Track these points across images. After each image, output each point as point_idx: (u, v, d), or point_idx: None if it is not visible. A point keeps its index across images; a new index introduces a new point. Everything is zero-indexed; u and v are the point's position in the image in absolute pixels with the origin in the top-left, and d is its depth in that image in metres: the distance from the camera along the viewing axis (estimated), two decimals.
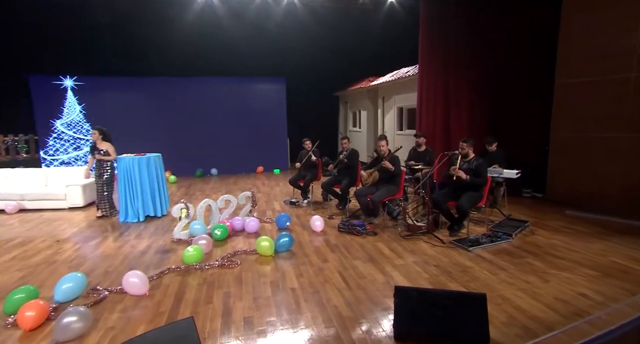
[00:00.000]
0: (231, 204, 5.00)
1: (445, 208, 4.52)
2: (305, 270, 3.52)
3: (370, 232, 4.61)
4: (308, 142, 6.54)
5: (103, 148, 5.52)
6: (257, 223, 4.78)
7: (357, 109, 11.37)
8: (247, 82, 10.39)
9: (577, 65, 5.96)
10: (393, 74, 8.88)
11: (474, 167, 4.39)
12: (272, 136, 10.66)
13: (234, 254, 3.95)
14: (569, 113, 6.14)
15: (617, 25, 5.46)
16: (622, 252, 3.82)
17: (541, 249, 3.96)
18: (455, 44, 6.55)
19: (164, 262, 3.77)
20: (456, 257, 3.78)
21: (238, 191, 7.66)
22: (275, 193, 7.54)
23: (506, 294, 2.94)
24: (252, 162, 10.54)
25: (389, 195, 4.90)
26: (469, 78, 6.58)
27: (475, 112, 6.64)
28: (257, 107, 10.45)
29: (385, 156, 4.97)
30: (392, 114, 9.02)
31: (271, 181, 9.10)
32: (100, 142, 5.54)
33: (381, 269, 3.52)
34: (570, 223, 4.92)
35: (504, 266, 3.50)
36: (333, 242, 4.33)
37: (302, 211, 5.93)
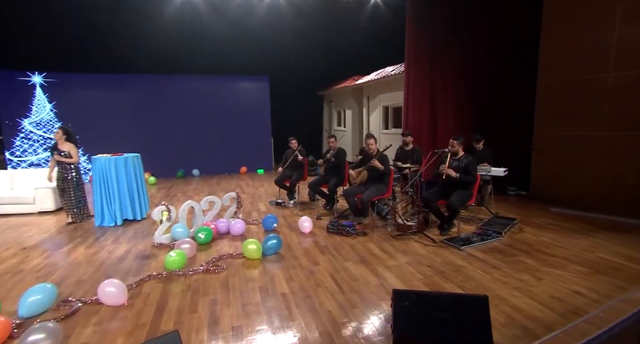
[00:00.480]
0: (215, 206, 4.79)
1: (435, 207, 4.47)
2: (295, 274, 3.37)
3: (360, 233, 4.50)
4: (294, 141, 6.39)
5: (65, 149, 5.07)
6: (243, 225, 4.60)
7: (341, 108, 11.29)
8: (229, 80, 10.13)
9: (558, 65, 6.07)
10: (378, 73, 8.84)
11: (464, 166, 4.36)
12: (255, 135, 10.44)
13: (219, 258, 3.75)
14: (551, 112, 6.25)
15: (595, 26, 5.58)
16: (608, 248, 3.86)
17: (531, 247, 3.95)
18: (441, 42, 6.55)
19: (144, 268, 3.54)
20: (448, 256, 3.72)
21: (221, 192, 7.43)
22: (260, 194, 7.35)
23: (502, 293, 2.89)
24: (235, 162, 10.28)
25: (378, 194, 4.81)
26: (454, 77, 6.59)
27: (461, 110, 6.66)
28: (240, 106, 10.21)
29: (374, 155, 4.88)
30: (378, 113, 8.98)
31: (255, 182, 8.89)
32: (62, 143, 5.09)
33: (374, 270, 3.41)
34: (556, 220, 4.98)
35: (496, 265, 3.46)
36: (322, 244, 4.20)
37: (289, 212, 5.77)
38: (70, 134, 5.20)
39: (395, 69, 8.07)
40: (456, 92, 6.61)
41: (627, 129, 5.33)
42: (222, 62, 10.14)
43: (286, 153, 6.51)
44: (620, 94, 5.38)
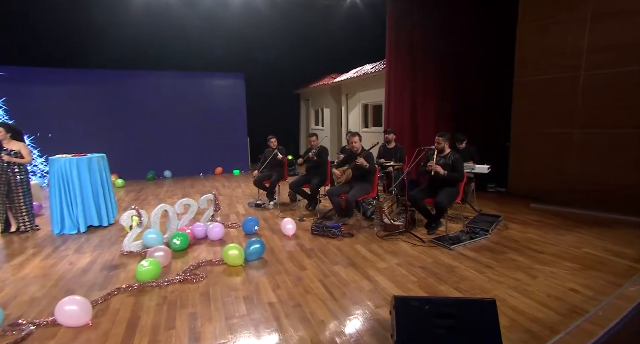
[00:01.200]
0: (191, 209, 4.45)
1: (423, 205, 4.37)
2: (281, 280, 3.13)
3: (346, 234, 4.32)
4: (273, 140, 6.13)
5: (14, 148, 4.50)
6: (222, 229, 4.29)
7: (319, 107, 11.11)
8: (203, 77, 9.67)
9: (533, 64, 6.17)
10: (357, 71, 8.73)
11: (451, 163, 4.28)
12: (231, 134, 10.04)
13: (197, 266, 3.44)
14: (527, 110, 6.35)
15: (567, 27, 5.71)
16: (592, 244, 3.89)
17: (519, 244, 3.92)
18: (421, 40, 6.51)
19: (112, 281, 3.17)
20: (439, 256, 3.61)
21: (196, 194, 7.03)
22: (237, 195, 7.01)
23: (499, 294, 2.79)
24: (209, 163, 9.84)
25: (363, 194, 4.65)
26: (434, 74, 6.57)
27: (441, 108, 6.66)
28: (214, 104, 9.78)
29: (359, 153, 4.72)
30: (357, 111, 8.86)
31: (232, 183, 8.52)
32: (8, 141, 4.49)
33: (364, 274, 3.23)
34: (538, 216, 5.02)
35: (488, 264, 3.38)
36: (308, 247, 3.98)
37: (270, 214, 5.50)
38: (16, 131, 4.60)
39: (375, 66, 7.99)
40: (436, 89, 6.59)
41: (599, 126, 5.49)
42: (196, 59, 9.69)
43: (265, 152, 6.23)
44: (591, 93, 5.53)
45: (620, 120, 5.23)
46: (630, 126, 5.14)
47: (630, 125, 5.15)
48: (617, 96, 5.25)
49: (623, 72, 5.21)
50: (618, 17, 5.19)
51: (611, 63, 5.33)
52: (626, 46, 5.13)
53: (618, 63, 5.26)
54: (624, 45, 5.15)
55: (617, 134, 5.28)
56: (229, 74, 9.94)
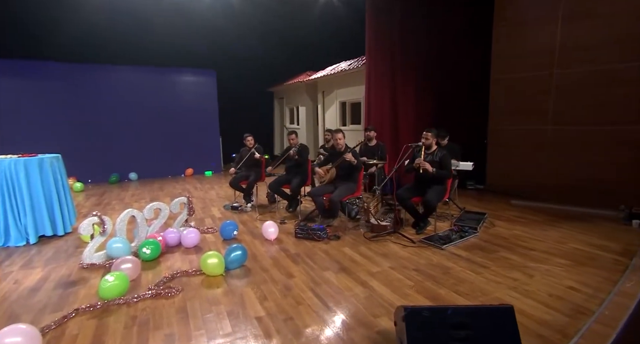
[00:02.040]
0: (161, 214, 4.04)
1: (410, 204, 4.22)
2: (268, 291, 2.84)
3: (332, 236, 4.09)
4: (250, 138, 5.79)
5: None
6: (197, 235, 3.92)
7: (294, 105, 10.82)
8: (171, 72, 9.09)
9: (508, 62, 6.26)
10: (334, 68, 8.53)
11: (439, 160, 4.16)
12: (202, 134, 9.52)
13: (171, 277, 3.07)
14: (503, 108, 6.43)
15: (540, 26, 5.82)
16: (577, 239, 3.91)
17: (508, 241, 3.86)
18: (400, 36, 6.40)
19: (69, 300, 2.74)
20: (432, 257, 3.46)
21: (166, 198, 6.55)
22: (211, 198, 6.59)
23: (500, 295, 2.66)
24: (179, 163, 9.27)
25: (348, 193, 4.43)
26: (414, 71, 6.50)
27: (421, 105, 6.59)
28: (184, 102, 9.22)
29: (343, 151, 4.51)
30: (334, 109, 8.67)
31: (204, 184, 8.04)
32: None
33: (358, 279, 3.01)
34: (520, 212, 5.04)
35: (483, 263, 3.27)
36: (293, 252, 3.70)
37: (248, 217, 5.16)
38: None
39: (353, 63, 7.83)
40: (416, 87, 6.52)
41: (570, 123, 5.62)
42: (164, 53, 9.08)
43: (241, 151, 5.88)
44: (563, 91, 5.66)
45: (591, 117, 5.37)
46: (600, 123, 5.29)
47: (599, 122, 5.29)
48: (587, 94, 5.39)
49: (593, 71, 5.35)
50: (587, 17, 5.33)
51: (582, 62, 5.47)
52: (595, 46, 5.27)
53: (588, 62, 5.41)
54: (593, 45, 5.29)
55: (588, 131, 5.42)
56: (200, 70, 9.43)
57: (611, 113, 5.20)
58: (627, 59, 5.00)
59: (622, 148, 5.09)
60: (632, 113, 5.04)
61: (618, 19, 5.06)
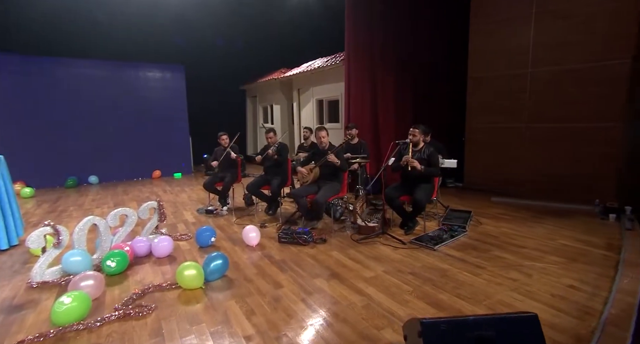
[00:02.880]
0: (128, 221, 3.60)
1: (398, 204, 4.06)
2: (256, 304, 2.54)
3: (318, 240, 3.84)
4: (225, 137, 5.42)
5: None
6: (170, 243, 3.53)
7: (268, 104, 10.46)
8: (136, 67, 8.45)
9: (485, 60, 6.30)
10: (310, 65, 8.29)
11: (426, 157, 4.03)
12: (170, 133, 8.94)
13: (142, 294, 2.69)
14: (480, 105, 6.47)
15: (514, 26, 5.90)
16: (563, 234, 3.91)
17: (498, 239, 3.80)
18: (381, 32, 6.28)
19: (12, 329, 2.29)
20: (426, 259, 3.30)
21: (132, 202, 6.02)
22: (182, 201, 6.12)
23: (503, 298, 2.53)
24: (146, 165, 8.65)
25: (333, 194, 4.21)
26: (395, 68, 6.40)
27: (400, 102, 6.52)
28: (150, 99, 8.62)
29: (327, 149, 4.28)
30: (311, 107, 8.42)
31: (174, 187, 7.52)
32: None
33: (352, 286, 2.78)
34: (503, 209, 5.04)
35: (479, 264, 3.15)
36: (278, 258, 3.42)
37: (225, 221, 4.80)
38: None
39: (329, 60, 7.63)
40: (396, 84, 6.43)
41: (544, 120, 5.73)
42: (127, 46, 8.43)
43: (215, 151, 5.50)
44: (538, 89, 5.76)
45: (564, 115, 5.49)
46: (573, 120, 5.42)
47: (573, 119, 5.42)
48: (561, 93, 5.51)
49: (565, 70, 5.47)
50: (559, 17, 5.44)
51: (554, 61, 5.59)
52: (566, 45, 5.39)
53: (559, 61, 5.52)
54: (564, 44, 5.41)
55: (562, 128, 5.54)
56: (167, 64, 8.85)
57: (583, 111, 5.33)
58: (597, 59, 5.14)
59: (594, 145, 5.23)
60: (603, 111, 5.19)
61: (589, 19, 5.18)
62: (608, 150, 5.12)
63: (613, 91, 5.07)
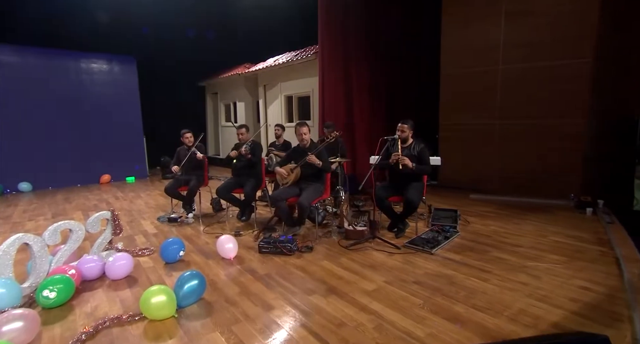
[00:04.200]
0: (73, 236, 2.94)
1: (388, 205, 3.77)
2: (245, 333, 2.08)
3: (303, 249, 3.43)
4: (189, 135, 4.82)
5: None
6: (130, 260, 2.92)
7: (231, 101, 9.79)
8: (77, 57, 7.41)
9: (456, 57, 6.26)
10: (277, 59, 7.81)
11: (417, 154, 3.78)
12: (121, 133, 8.00)
13: (95, 331, 2.11)
14: (453, 102, 6.43)
15: (485, 23, 5.91)
16: (551, 231, 3.86)
17: (492, 239, 3.64)
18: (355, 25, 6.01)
19: None
20: (426, 265, 3.03)
21: (76, 212, 5.18)
22: (139, 209, 5.39)
23: (523, 306, 2.31)
24: (92, 169, 7.65)
25: (318, 196, 3.83)
26: (369, 63, 6.18)
27: (375, 99, 6.30)
28: (96, 94, 7.64)
29: (308, 148, 3.89)
30: (278, 104, 7.94)
31: (127, 193, 6.68)
32: None
33: (355, 303, 2.42)
34: (484, 207, 4.97)
35: (483, 267, 2.93)
36: (262, 272, 2.96)
37: (192, 231, 4.22)
38: None
39: (299, 54, 7.22)
40: (369, 80, 6.22)
41: (515, 117, 5.79)
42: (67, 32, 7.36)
43: (178, 151, 4.87)
44: (509, 86, 5.81)
45: (535, 112, 5.57)
46: (543, 117, 5.51)
47: (543, 116, 5.51)
48: (531, 90, 5.58)
49: (534, 68, 5.56)
50: (528, 15, 5.51)
51: (523, 58, 5.66)
52: (535, 43, 5.47)
53: (529, 58, 5.60)
54: (533, 42, 5.49)
55: (533, 125, 5.62)
56: (115, 55, 7.90)
57: (553, 108, 5.44)
58: (565, 57, 5.26)
59: (563, 141, 5.34)
60: (572, 108, 5.32)
61: (557, 18, 5.29)
62: (574, 145, 5.26)
63: (577, 89, 5.21)
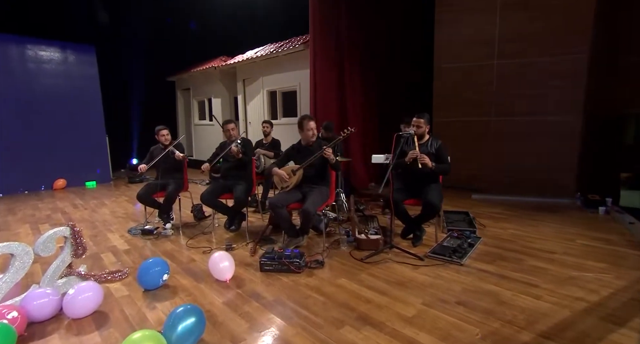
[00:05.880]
0: (15, 262, 2.22)
1: (403, 209, 3.33)
2: None
3: (313, 264, 2.90)
4: (165, 132, 4.14)
5: None
6: (97, 291, 2.26)
7: (205, 97, 9.01)
8: (20, 42, 6.38)
9: (450, 51, 6.00)
10: (258, 51, 7.19)
11: (435, 151, 3.37)
12: (79, 132, 7.04)
13: None
14: (446, 98, 6.16)
15: (480, 15, 5.68)
16: (571, 232, 3.64)
17: (517, 244, 3.31)
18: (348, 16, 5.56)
19: None
20: (460, 279, 2.61)
21: (22, 226, 4.32)
22: (105, 219, 4.59)
23: (598, 331, 1.93)
24: (44, 173, 6.65)
25: (324, 201, 3.31)
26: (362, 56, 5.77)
27: (369, 94, 5.89)
28: (48, 86, 6.64)
29: (312, 146, 3.37)
30: (260, 100, 7.31)
31: (88, 200, 5.79)
32: None
33: (398, 335, 1.94)
34: (490, 207, 4.70)
35: (527, 280, 2.55)
36: (270, 298, 2.40)
37: (172, 244, 3.56)
38: None
39: (284, 45, 6.65)
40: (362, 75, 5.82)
41: (512, 114, 5.60)
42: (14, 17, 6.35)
43: (151, 151, 4.18)
44: (503, 81, 5.62)
45: (530, 108, 5.40)
46: (538, 113, 5.35)
47: (538, 112, 5.35)
48: (525, 85, 5.40)
49: (528, 63, 5.38)
50: (523, 9, 5.33)
51: (518, 53, 5.48)
52: (531, 38, 5.30)
53: (524, 53, 5.43)
54: (529, 37, 5.31)
55: (529, 122, 5.44)
56: (71, 44, 6.93)
57: (548, 104, 5.29)
58: (560, 52, 5.11)
59: (560, 138, 5.20)
60: (567, 104, 5.19)
61: (552, 12, 5.13)
62: (569, 142, 5.14)
63: (572, 84, 5.08)
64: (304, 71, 6.31)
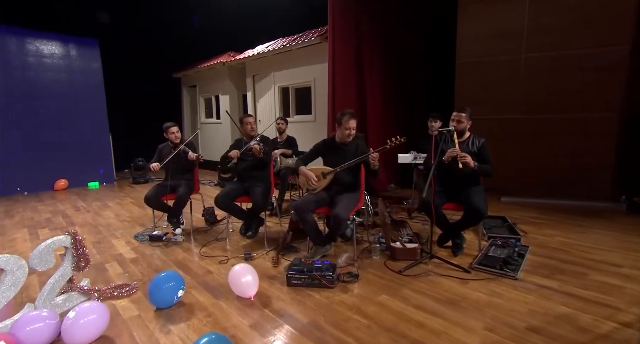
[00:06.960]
0: (5, 279, 1.88)
1: (442, 215, 2.98)
2: None
3: (347, 277, 2.55)
4: (175, 129, 3.80)
5: None
6: (103, 313, 1.91)
7: (212, 94, 8.67)
8: (19, 34, 6.05)
9: (475, 44, 5.64)
10: (269, 46, 6.84)
11: (477, 150, 3.02)
12: (81, 130, 6.71)
13: None
14: (469, 95, 5.79)
15: (507, 8, 5.34)
16: (624, 240, 3.27)
17: (571, 254, 2.94)
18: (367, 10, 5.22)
19: None
20: (521, 298, 2.25)
21: (22, 231, 3.98)
22: (109, 223, 4.25)
23: None
24: (44, 173, 6.32)
25: (355, 205, 2.96)
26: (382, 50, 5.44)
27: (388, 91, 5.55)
28: (49, 81, 6.32)
29: (348, 145, 3.03)
30: (271, 97, 6.96)
31: (91, 202, 5.46)
32: None
33: None
34: (526, 212, 4.33)
35: (602, 300, 2.19)
36: (305, 321, 2.05)
37: (184, 252, 3.21)
38: None
39: (297, 38, 6.29)
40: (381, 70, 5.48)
41: (541, 111, 5.23)
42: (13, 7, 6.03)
43: (159, 149, 3.84)
44: (532, 76, 5.26)
45: (562, 105, 5.04)
46: (571, 111, 4.99)
47: (570, 110, 4.99)
48: (557, 81, 5.04)
49: (561, 56, 5.02)
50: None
51: (550, 46, 5.12)
52: (564, 29, 4.94)
53: (557, 46, 5.07)
54: (562, 28, 4.96)
55: (560, 120, 5.09)
56: (73, 37, 6.60)
57: (582, 100, 4.93)
58: (596, 44, 4.75)
59: (596, 136, 4.84)
60: (603, 100, 4.83)
61: (588, 0, 4.77)
62: (606, 142, 4.77)
63: (609, 79, 4.71)
64: (319, 66, 5.97)
